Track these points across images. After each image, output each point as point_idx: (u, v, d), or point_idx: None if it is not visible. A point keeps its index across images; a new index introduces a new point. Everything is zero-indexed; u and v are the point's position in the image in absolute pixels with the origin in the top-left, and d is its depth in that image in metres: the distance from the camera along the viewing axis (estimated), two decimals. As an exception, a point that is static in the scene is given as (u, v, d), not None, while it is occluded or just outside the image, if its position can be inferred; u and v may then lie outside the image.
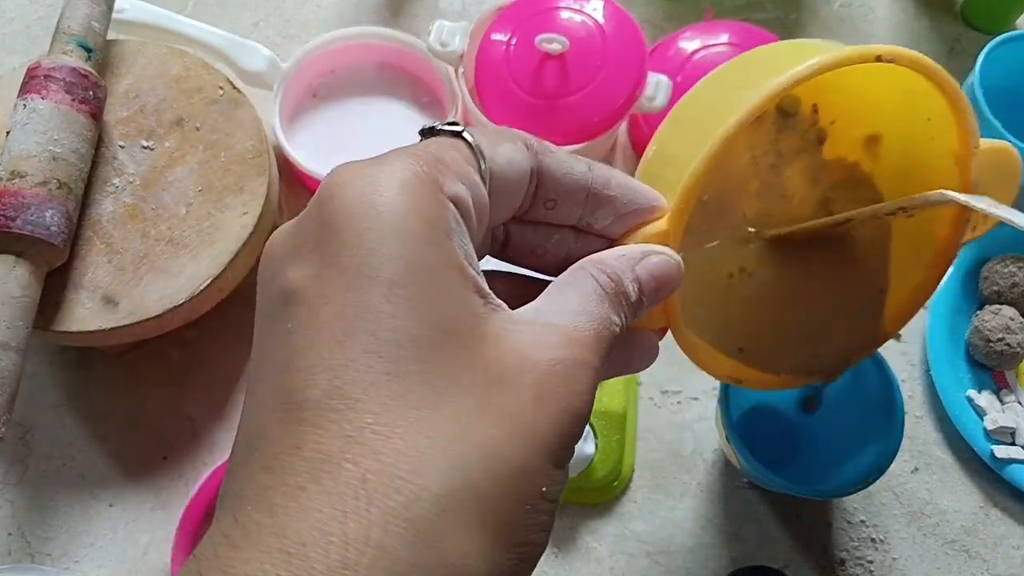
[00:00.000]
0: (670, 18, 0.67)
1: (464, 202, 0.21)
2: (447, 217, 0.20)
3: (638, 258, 0.24)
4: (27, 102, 0.46)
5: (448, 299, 0.19)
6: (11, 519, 0.50)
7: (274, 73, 0.57)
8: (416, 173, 0.20)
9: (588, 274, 0.23)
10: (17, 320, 0.42)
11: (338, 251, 0.19)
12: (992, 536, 0.52)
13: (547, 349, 0.20)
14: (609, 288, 0.23)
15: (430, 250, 0.19)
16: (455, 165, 0.21)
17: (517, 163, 0.23)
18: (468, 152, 0.22)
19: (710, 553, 0.51)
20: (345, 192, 0.20)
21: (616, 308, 0.23)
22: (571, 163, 0.25)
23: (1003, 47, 0.58)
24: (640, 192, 0.26)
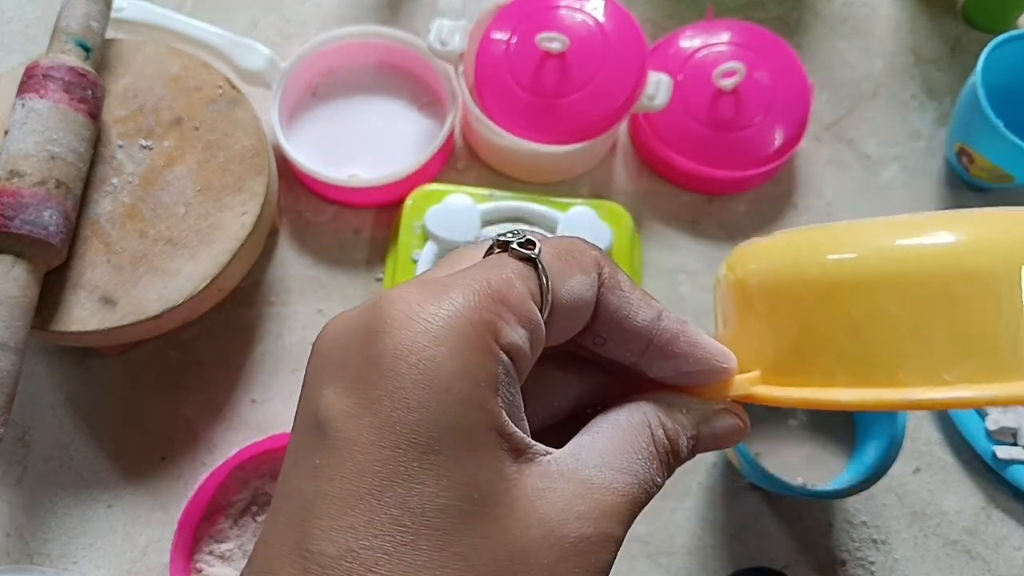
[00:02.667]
0: (671, 17, 0.67)
1: (520, 351, 0.20)
2: (497, 373, 0.19)
3: (708, 416, 0.23)
4: (25, 101, 0.46)
5: (481, 465, 0.19)
6: (9, 520, 0.50)
7: (273, 72, 0.57)
8: (473, 323, 0.19)
9: (646, 424, 0.22)
10: (15, 320, 0.42)
11: (380, 399, 0.18)
12: (994, 537, 0.52)
13: (576, 522, 0.19)
14: (663, 447, 0.22)
15: (472, 413, 0.19)
16: (518, 305, 0.20)
17: (584, 298, 0.22)
18: (535, 284, 0.21)
19: (711, 554, 0.51)
20: (396, 335, 0.19)
21: (663, 470, 0.22)
22: (638, 308, 0.23)
23: (1005, 46, 0.58)
24: (711, 353, 0.23)
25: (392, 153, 0.59)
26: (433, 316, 0.19)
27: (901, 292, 0.22)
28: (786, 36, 0.63)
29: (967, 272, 0.21)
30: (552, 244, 0.22)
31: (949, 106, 0.65)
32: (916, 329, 0.21)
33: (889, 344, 0.22)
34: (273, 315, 0.56)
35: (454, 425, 0.18)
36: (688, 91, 0.58)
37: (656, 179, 0.61)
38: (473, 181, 0.60)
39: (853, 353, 0.22)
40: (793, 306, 0.24)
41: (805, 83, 0.59)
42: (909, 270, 0.22)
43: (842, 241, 0.23)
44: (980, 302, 0.21)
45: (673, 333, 0.23)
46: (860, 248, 0.23)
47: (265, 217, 0.50)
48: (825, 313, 0.23)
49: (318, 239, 0.58)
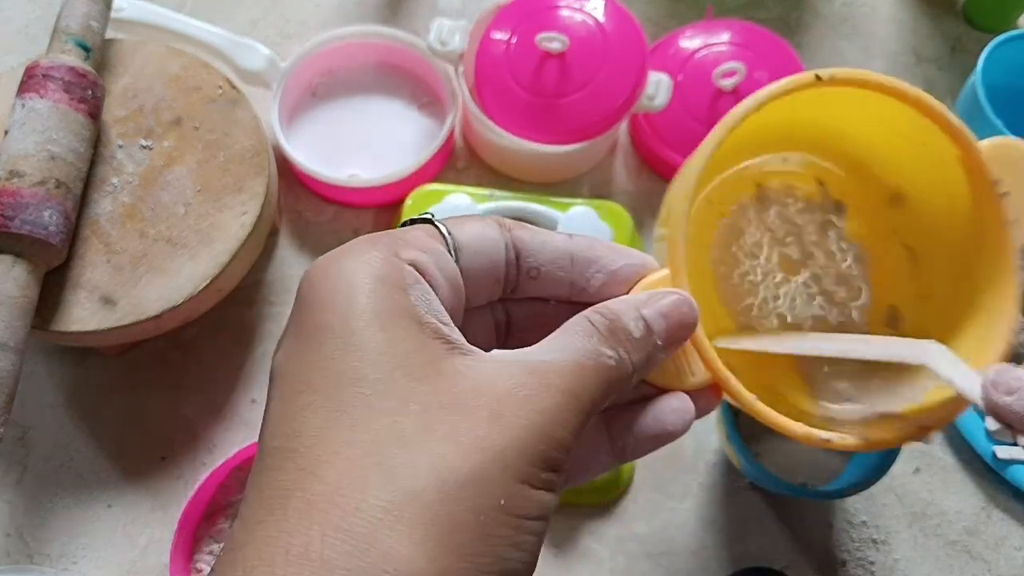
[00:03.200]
0: (671, 16, 0.67)
1: (423, 264, 0.22)
2: (402, 274, 0.22)
3: (643, 300, 0.25)
4: (25, 101, 0.46)
5: (398, 341, 0.21)
6: (9, 520, 0.50)
7: (273, 72, 0.57)
8: (372, 243, 0.22)
9: (582, 317, 0.24)
10: (15, 320, 0.42)
11: (303, 321, 0.21)
12: (994, 537, 0.52)
13: (507, 378, 0.21)
14: (601, 325, 0.23)
15: (380, 301, 0.21)
16: (415, 240, 0.23)
17: (487, 236, 0.25)
18: (433, 231, 0.24)
19: (711, 554, 0.51)
20: (311, 275, 0.22)
21: (610, 343, 0.23)
22: (548, 234, 0.26)
23: (1005, 46, 0.58)
24: (628, 252, 0.26)
25: (392, 153, 0.59)
26: (340, 254, 0.22)
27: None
28: (786, 36, 0.63)
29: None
30: (452, 218, 0.25)
31: (949, 106, 0.64)
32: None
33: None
34: (273, 315, 0.56)
35: (364, 311, 0.21)
36: (688, 91, 0.58)
37: (656, 179, 0.61)
38: (473, 181, 0.60)
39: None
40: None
41: (805, 83, 0.58)
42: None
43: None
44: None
45: (588, 241, 0.26)
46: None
47: (265, 217, 0.50)
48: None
49: (318, 239, 0.58)
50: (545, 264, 0.25)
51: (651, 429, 0.25)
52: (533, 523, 0.20)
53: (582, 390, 0.22)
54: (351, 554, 0.18)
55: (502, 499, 0.19)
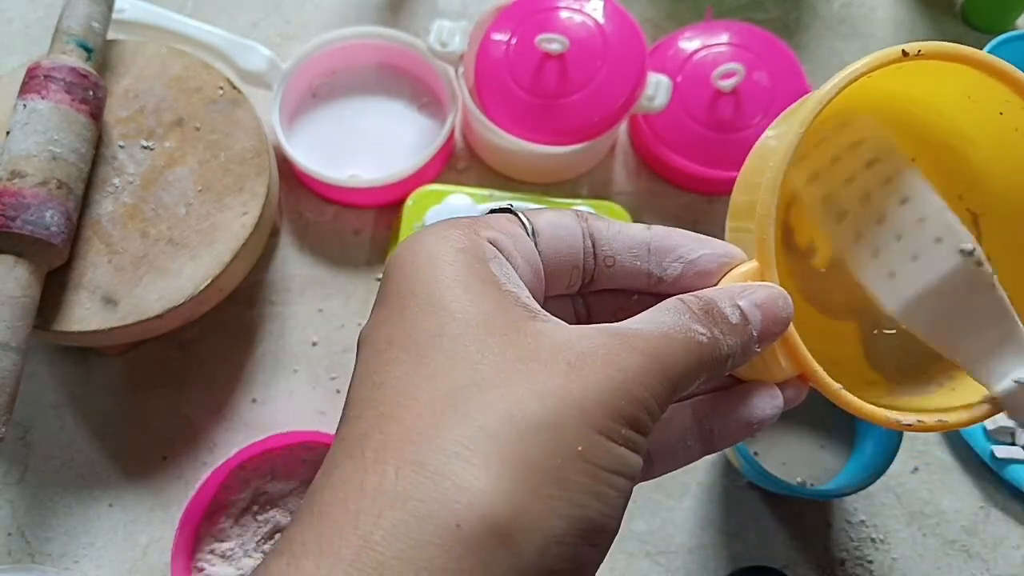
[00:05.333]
0: (670, 18, 0.67)
1: (502, 243, 0.23)
2: (482, 249, 0.22)
3: (738, 291, 0.24)
4: (27, 102, 0.46)
5: (480, 302, 0.21)
6: (11, 519, 0.50)
7: (274, 73, 0.57)
8: (453, 224, 0.23)
9: (675, 298, 0.23)
10: (17, 320, 0.42)
11: (388, 293, 0.22)
12: (992, 536, 0.52)
13: (588, 338, 0.21)
14: (695, 305, 0.23)
15: (462, 268, 0.22)
16: (494, 222, 0.24)
17: (564, 224, 0.25)
18: (512, 217, 0.25)
19: (710, 553, 0.51)
20: (397, 254, 0.23)
21: (704, 321, 0.23)
22: (624, 224, 0.26)
23: (1004, 47, 0.58)
24: (708, 241, 0.26)
25: (392, 154, 0.59)
26: (423, 234, 0.23)
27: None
28: (785, 37, 0.63)
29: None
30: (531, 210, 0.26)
31: (948, 107, 0.65)
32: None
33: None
34: (274, 315, 0.56)
35: (446, 277, 0.21)
36: (687, 92, 0.58)
37: (656, 179, 0.61)
38: (473, 181, 0.60)
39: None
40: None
41: (804, 84, 0.59)
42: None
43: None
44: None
45: (666, 230, 0.26)
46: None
47: (266, 217, 0.51)
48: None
49: (319, 239, 0.58)
50: (620, 252, 0.25)
51: (743, 417, 0.25)
52: (613, 476, 0.20)
53: (668, 358, 0.21)
54: (424, 485, 0.18)
55: (579, 446, 0.19)
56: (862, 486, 0.47)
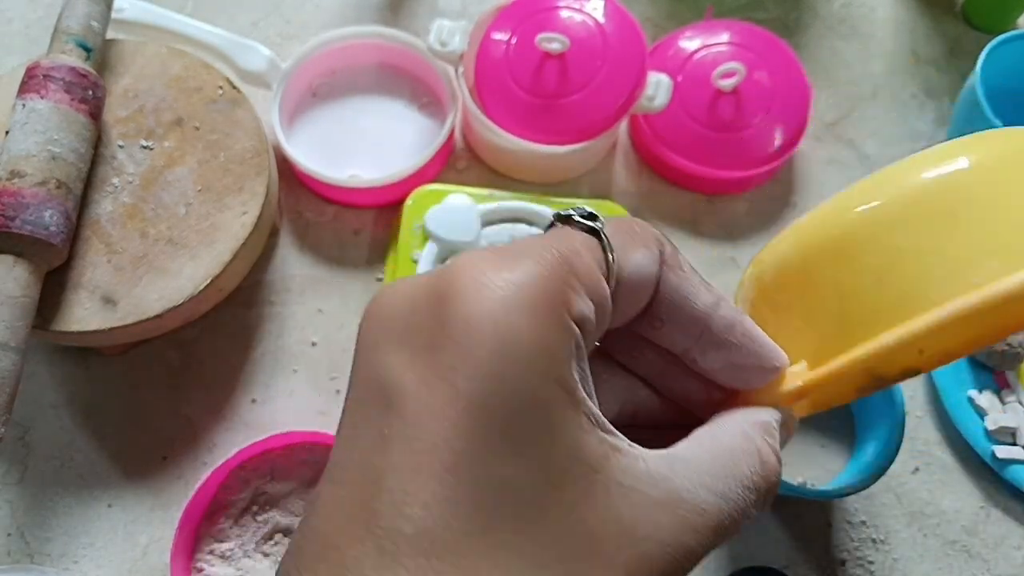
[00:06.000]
0: (670, 17, 0.67)
1: (589, 323, 0.19)
2: (571, 346, 0.18)
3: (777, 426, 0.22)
4: (26, 102, 0.46)
5: (561, 443, 0.18)
6: (10, 519, 0.50)
7: (274, 73, 0.57)
8: (547, 292, 0.18)
9: (755, 451, 0.21)
10: (17, 320, 0.42)
11: (454, 367, 0.17)
12: (993, 536, 0.52)
13: (655, 530, 0.18)
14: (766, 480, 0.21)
15: (550, 388, 0.18)
16: (586, 275, 0.19)
17: (646, 273, 0.21)
18: (600, 255, 0.20)
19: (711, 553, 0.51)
20: (469, 301, 0.18)
21: (761, 503, 0.21)
22: (697, 290, 0.22)
23: (1004, 47, 0.58)
24: (765, 348, 0.23)
25: (392, 153, 0.59)
26: (507, 283, 0.18)
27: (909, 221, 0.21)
28: (785, 37, 0.63)
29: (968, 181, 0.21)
30: (613, 221, 0.21)
31: (948, 106, 0.65)
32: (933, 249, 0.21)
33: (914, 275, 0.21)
34: (273, 315, 0.56)
35: (532, 398, 0.17)
36: (688, 92, 0.58)
37: (656, 179, 0.61)
38: (473, 181, 0.60)
39: (884, 299, 0.21)
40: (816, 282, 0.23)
41: (804, 84, 0.59)
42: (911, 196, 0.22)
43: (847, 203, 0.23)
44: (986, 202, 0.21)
45: (731, 321, 0.22)
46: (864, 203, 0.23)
47: (266, 217, 0.51)
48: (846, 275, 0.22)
49: (318, 239, 0.58)
50: (673, 322, 0.22)
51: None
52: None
53: (711, 547, 0.20)
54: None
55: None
56: (863, 486, 0.47)
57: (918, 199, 0.22)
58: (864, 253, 0.22)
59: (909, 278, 0.21)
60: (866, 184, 0.24)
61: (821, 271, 0.23)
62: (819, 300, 0.23)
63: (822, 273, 0.23)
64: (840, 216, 0.23)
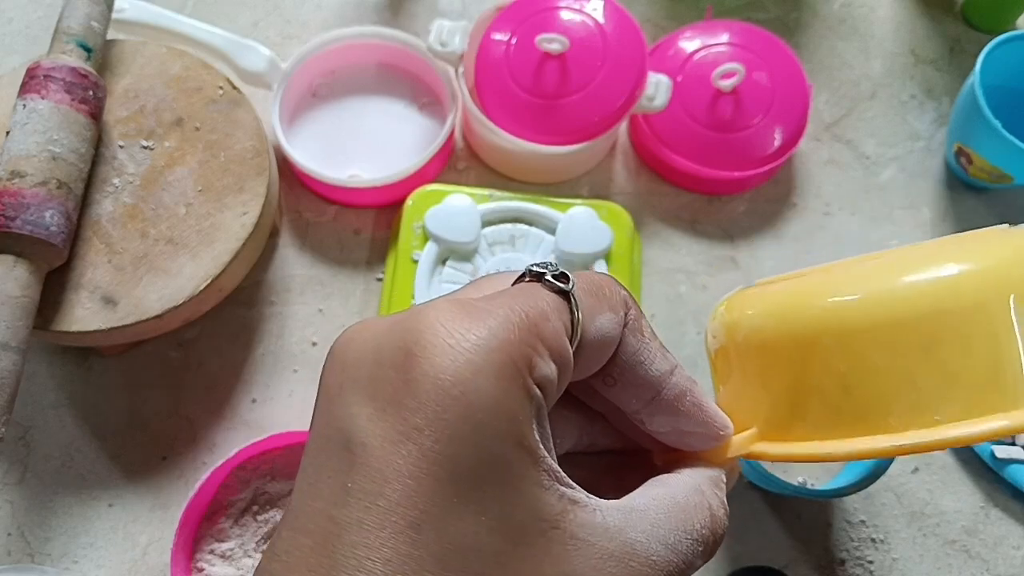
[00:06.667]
0: (670, 17, 0.67)
1: (551, 385, 0.20)
2: (531, 408, 0.19)
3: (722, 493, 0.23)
4: (27, 102, 0.46)
5: (522, 501, 0.18)
6: (11, 519, 0.50)
7: (274, 73, 0.57)
8: (512, 356, 0.19)
9: (706, 507, 0.22)
10: (17, 320, 0.42)
11: (420, 428, 0.18)
12: (992, 536, 0.52)
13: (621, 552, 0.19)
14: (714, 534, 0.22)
15: (512, 449, 0.18)
16: (552, 339, 0.20)
17: (609, 336, 0.22)
18: (568, 318, 0.21)
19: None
20: (436, 362, 0.18)
21: (706, 556, 0.21)
22: (655, 356, 0.23)
23: (1004, 47, 0.58)
24: (712, 418, 0.24)
25: (392, 153, 0.59)
26: (474, 345, 0.18)
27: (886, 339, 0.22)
28: (785, 37, 0.63)
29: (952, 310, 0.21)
30: (584, 279, 0.22)
31: (948, 106, 0.65)
32: (904, 374, 0.22)
33: (879, 393, 0.22)
34: (274, 315, 0.56)
35: (495, 461, 0.18)
36: (687, 92, 0.58)
37: (656, 179, 0.61)
38: (473, 181, 0.60)
39: (845, 405, 0.22)
40: (783, 362, 0.24)
41: (804, 84, 0.59)
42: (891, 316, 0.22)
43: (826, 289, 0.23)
44: (965, 339, 0.21)
45: (682, 390, 0.23)
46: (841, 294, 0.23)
47: (266, 217, 0.51)
48: (814, 367, 0.23)
49: (319, 239, 0.58)
50: (626, 384, 0.23)
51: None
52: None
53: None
54: None
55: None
56: (862, 486, 0.47)
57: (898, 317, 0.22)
58: (833, 356, 0.23)
59: (874, 395, 0.22)
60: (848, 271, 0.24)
61: (788, 353, 0.24)
62: (781, 378, 0.24)
63: (789, 356, 0.24)
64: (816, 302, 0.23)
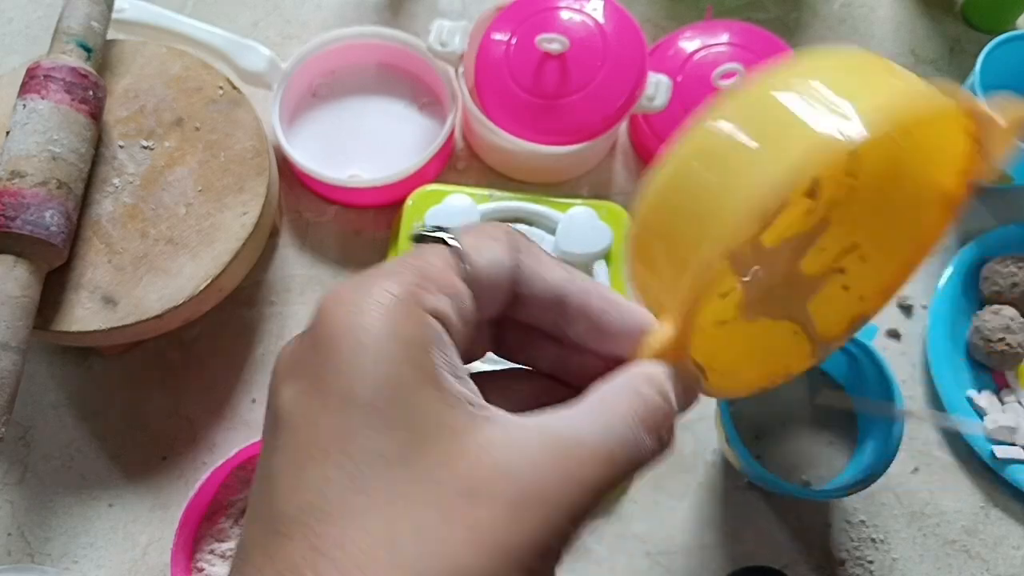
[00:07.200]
0: (670, 17, 0.67)
1: (445, 314, 0.21)
2: (427, 334, 0.21)
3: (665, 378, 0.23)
4: (27, 102, 0.46)
5: (422, 415, 0.20)
6: (11, 519, 0.50)
7: (274, 73, 0.57)
8: (397, 295, 0.21)
9: (632, 386, 0.22)
10: (17, 320, 0.42)
11: (323, 376, 0.20)
12: (992, 536, 0.52)
13: (532, 464, 0.20)
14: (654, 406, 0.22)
15: (407, 370, 0.20)
16: (438, 277, 0.22)
17: (499, 263, 0.23)
18: (452, 259, 0.23)
19: (710, 553, 0.51)
20: (333, 318, 0.21)
21: (654, 429, 0.22)
22: (551, 267, 0.24)
23: (1003, 47, 0.58)
24: (624, 308, 0.25)
25: (392, 153, 0.59)
26: (362, 297, 0.21)
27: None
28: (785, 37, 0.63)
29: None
30: (465, 227, 0.24)
31: (948, 107, 0.65)
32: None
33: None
34: (274, 315, 0.56)
35: (392, 382, 0.20)
36: (687, 92, 0.58)
37: (656, 179, 0.61)
38: (473, 181, 0.60)
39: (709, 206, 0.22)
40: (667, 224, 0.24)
41: (804, 84, 0.59)
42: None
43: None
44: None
45: (585, 289, 0.24)
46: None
47: (266, 217, 0.51)
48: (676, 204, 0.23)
49: (319, 239, 0.58)
50: (531, 298, 0.24)
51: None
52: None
53: (607, 482, 0.21)
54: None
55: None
56: (862, 486, 0.47)
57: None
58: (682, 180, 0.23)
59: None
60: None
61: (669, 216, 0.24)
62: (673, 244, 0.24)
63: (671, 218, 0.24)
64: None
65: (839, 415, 0.54)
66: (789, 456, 0.53)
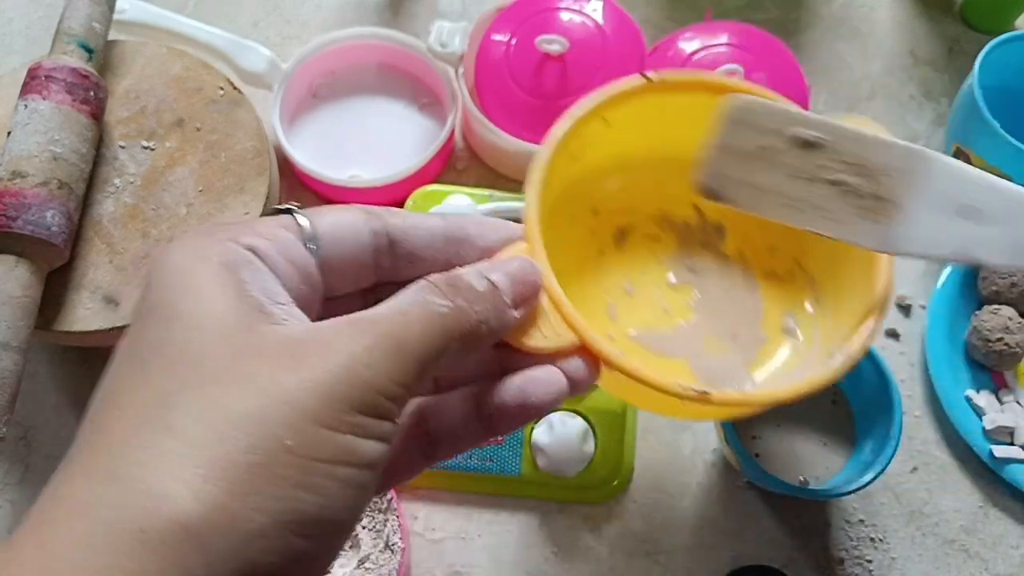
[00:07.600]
0: (670, 18, 0.67)
1: (262, 249, 0.23)
2: (233, 256, 0.22)
3: (488, 265, 0.25)
4: (28, 102, 0.46)
5: (215, 313, 0.21)
6: (12, 519, 0.50)
7: (274, 73, 0.57)
8: (211, 230, 0.23)
9: (421, 279, 0.24)
10: (18, 320, 0.42)
11: (138, 305, 0.22)
12: (991, 535, 0.52)
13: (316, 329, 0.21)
14: (439, 280, 0.23)
15: (205, 278, 0.21)
16: (261, 228, 0.23)
17: (347, 223, 0.25)
18: (288, 221, 0.24)
19: (710, 553, 0.51)
20: (152, 261, 0.23)
21: (446, 294, 0.23)
22: (421, 217, 0.26)
23: (1002, 47, 0.58)
24: (498, 226, 0.27)
25: (393, 154, 0.59)
26: (176, 245, 0.23)
27: None
28: (784, 37, 0.63)
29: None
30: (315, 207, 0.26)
31: (947, 107, 0.65)
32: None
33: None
34: (274, 315, 0.56)
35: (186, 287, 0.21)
36: (687, 92, 0.58)
37: (655, 180, 0.62)
38: (473, 182, 0.60)
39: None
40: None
41: (803, 84, 0.59)
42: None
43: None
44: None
45: (460, 222, 0.26)
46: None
47: (266, 218, 0.51)
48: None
49: (319, 239, 0.59)
50: (419, 248, 0.26)
51: (515, 399, 0.25)
52: (334, 467, 0.20)
53: (404, 335, 0.21)
54: (113, 494, 0.18)
55: (287, 439, 0.19)
56: (861, 486, 0.47)
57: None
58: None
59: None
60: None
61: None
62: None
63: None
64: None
65: (838, 414, 0.54)
66: (788, 456, 0.53)
